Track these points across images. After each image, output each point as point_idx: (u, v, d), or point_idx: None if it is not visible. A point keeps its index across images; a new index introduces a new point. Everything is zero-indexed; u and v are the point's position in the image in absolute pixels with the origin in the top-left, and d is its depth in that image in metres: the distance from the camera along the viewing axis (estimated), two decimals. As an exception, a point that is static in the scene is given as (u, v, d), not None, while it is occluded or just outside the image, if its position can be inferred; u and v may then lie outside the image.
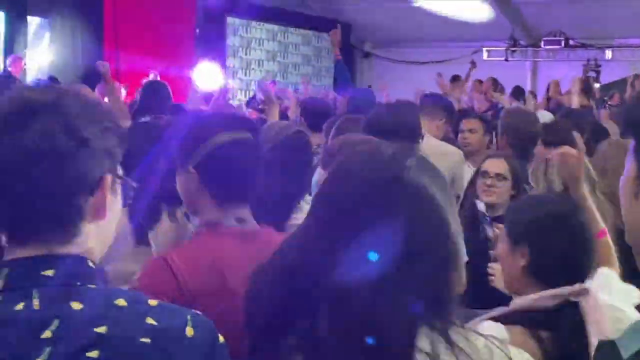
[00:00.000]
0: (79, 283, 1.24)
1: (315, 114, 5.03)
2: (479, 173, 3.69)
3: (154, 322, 1.23)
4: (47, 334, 1.19)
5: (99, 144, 1.26)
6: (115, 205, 1.34)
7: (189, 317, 1.28)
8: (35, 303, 1.20)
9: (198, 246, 1.97)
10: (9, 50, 11.17)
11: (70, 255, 1.25)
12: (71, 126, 1.23)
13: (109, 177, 1.29)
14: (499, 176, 3.60)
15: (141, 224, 2.42)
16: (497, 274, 2.64)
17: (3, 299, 1.21)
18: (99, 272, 1.30)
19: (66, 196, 1.24)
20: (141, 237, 2.48)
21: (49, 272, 1.23)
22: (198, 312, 1.32)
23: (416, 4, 14.19)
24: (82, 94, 1.32)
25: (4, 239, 1.28)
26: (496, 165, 3.63)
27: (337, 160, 1.40)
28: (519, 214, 2.23)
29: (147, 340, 1.21)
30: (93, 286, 1.26)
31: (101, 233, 1.32)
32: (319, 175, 2.42)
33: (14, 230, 1.26)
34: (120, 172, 1.34)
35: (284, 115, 6.84)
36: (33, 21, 11.89)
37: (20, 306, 1.20)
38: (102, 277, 1.30)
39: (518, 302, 2.09)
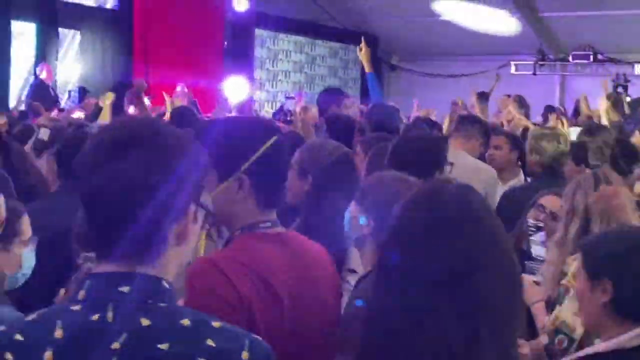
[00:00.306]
0: (150, 301, 1.35)
1: (339, 130, 5.09)
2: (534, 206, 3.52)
3: (213, 344, 1.32)
4: (115, 345, 1.30)
5: (186, 176, 1.37)
6: (195, 231, 1.45)
7: (247, 341, 1.36)
8: (109, 315, 1.32)
9: (239, 251, 1.95)
10: (39, 61, 11.31)
11: (147, 275, 1.37)
12: (163, 160, 1.35)
13: (192, 207, 1.41)
14: (552, 214, 3.39)
15: None
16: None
17: (82, 308, 1.33)
18: (173, 291, 1.39)
19: (153, 224, 1.35)
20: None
21: (125, 289, 1.34)
22: (259, 337, 1.40)
23: (444, 17, 14.19)
24: (174, 130, 1.44)
25: (81, 257, 1.35)
26: (552, 203, 3.44)
27: (405, 204, 1.47)
28: (598, 248, 2.14)
29: None
30: (164, 305, 1.36)
31: (179, 256, 1.43)
32: (351, 214, 2.44)
33: (102, 248, 1.38)
34: (202, 200, 1.45)
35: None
36: (64, 33, 12.03)
37: (96, 317, 1.32)
38: (173, 296, 1.40)
39: (605, 344, 2.01)
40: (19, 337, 1.32)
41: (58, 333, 1.31)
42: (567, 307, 2.64)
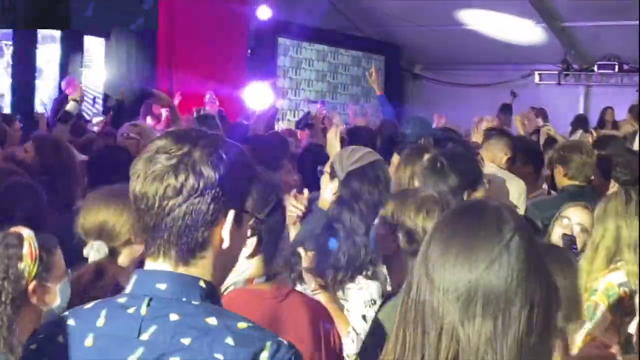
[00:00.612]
0: (184, 299, 1.46)
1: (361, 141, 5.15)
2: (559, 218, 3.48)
3: (232, 343, 1.41)
4: (144, 336, 1.44)
5: (226, 184, 1.47)
6: (238, 237, 1.54)
7: (270, 343, 1.42)
8: (144, 309, 1.45)
9: None
10: (64, 68, 11.41)
11: (185, 274, 1.49)
12: (199, 170, 1.45)
13: (231, 212, 1.50)
14: (580, 226, 3.38)
15: None
16: None
17: (125, 300, 1.49)
18: (211, 291, 1.50)
19: (193, 227, 1.47)
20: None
21: (162, 286, 1.47)
22: (287, 341, 1.45)
23: (468, 27, 14.14)
24: (219, 138, 1.54)
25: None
26: (579, 215, 3.42)
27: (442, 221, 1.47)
28: None
29: (220, 356, 1.40)
30: (197, 303, 1.47)
31: (222, 260, 1.53)
32: (376, 230, 2.43)
33: (149, 248, 1.51)
34: (248, 206, 1.55)
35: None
36: (89, 40, 12.12)
37: (132, 309, 1.46)
38: (212, 296, 1.50)
39: None
40: (71, 322, 1.51)
41: (100, 321, 1.47)
42: (598, 323, 2.61)
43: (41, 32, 11.21)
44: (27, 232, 2.18)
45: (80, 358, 1.46)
